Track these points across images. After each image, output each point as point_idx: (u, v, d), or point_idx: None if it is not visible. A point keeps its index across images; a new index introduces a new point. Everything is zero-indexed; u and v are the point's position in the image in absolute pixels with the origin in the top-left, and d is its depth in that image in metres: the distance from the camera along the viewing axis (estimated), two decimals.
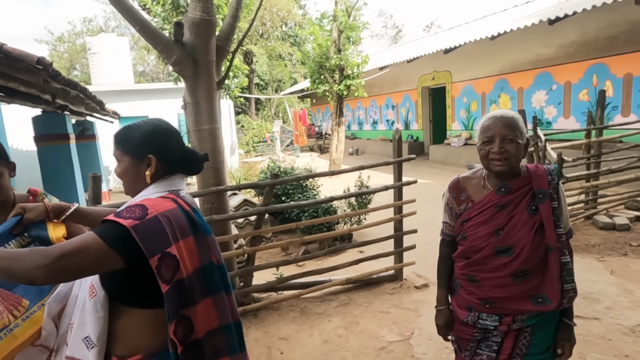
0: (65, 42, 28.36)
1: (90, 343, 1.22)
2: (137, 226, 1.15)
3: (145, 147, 1.28)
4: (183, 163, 1.34)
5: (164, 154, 1.30)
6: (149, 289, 1.20)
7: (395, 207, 3.97)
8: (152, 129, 1.31)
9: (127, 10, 2.58)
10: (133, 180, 1.31)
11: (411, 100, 14.62)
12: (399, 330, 3.32)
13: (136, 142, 1.29)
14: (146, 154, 1.28)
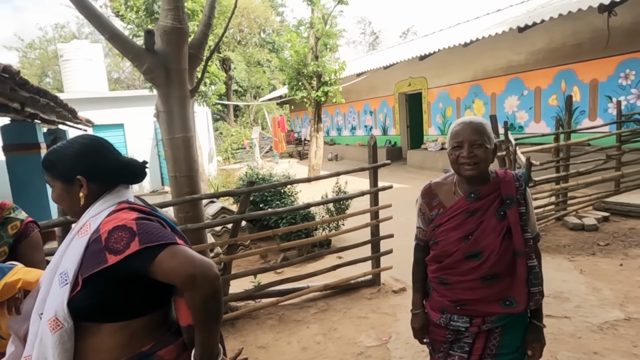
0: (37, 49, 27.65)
1: None
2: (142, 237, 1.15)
3: (73, 169, 1.24)
4: (121, 175, 1.30)
5: (94, 172, 1.26)
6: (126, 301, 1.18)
7: (372, 213, 4.00)
8: (78, 150, 1.26)
9: (96, 17, 2.54)
10: (70, 204, 1.28)
11: (388, 105, 14.81)
12: (377, 335, 3.34)
13: (63, 166, 1.25)
14: (75, 176, 1.24)
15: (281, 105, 25.33)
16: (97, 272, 1.14)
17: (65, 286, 1.15)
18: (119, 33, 2.67)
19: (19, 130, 6.77)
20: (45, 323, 1.15)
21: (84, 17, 2.54)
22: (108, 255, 1.12)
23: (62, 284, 1.16)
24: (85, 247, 1.17)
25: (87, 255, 1.16)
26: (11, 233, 1.53)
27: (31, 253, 1.52)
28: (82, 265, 1.15)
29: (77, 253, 1.17)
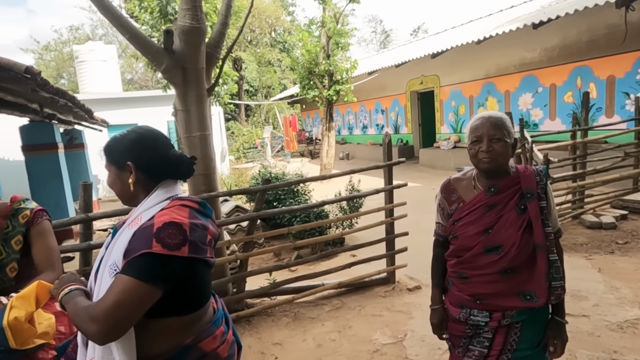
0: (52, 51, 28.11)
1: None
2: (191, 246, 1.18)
3: (126, 155, 1.30)
4: (169, 169, 1.34)
5: (144, 161, 1.30)
6: (166, 300, 1.20)
7: (387, 210, 4.00)
8: (133, 138, 1.32)
9: (116, 18, 2.59)
10: (121, 190, 1.33)
11: (400, 104, 14.75)
12: (392, 333, 3.34)
13: (117, 152, 1.32)
14: (125, 162, 1.29)
15: (292, 105, 25.40)
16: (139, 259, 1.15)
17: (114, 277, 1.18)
18: (139, 33, 2.72)
19: (37, 131, 6.91)
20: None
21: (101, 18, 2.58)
22: (155, 243, 1.14)
23: (111, 275, 1.18)
24: (133, 234, 1.19)
25: (133, 240, 1.18)
26: (22, 222, 1.58)
27: (39, 239, 1.56)
28: (126, 252, 1.18)
29: (125, 242, 1.19)
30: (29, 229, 1.59)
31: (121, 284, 1.11)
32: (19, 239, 1.56)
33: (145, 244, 1.14)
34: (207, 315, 1.36)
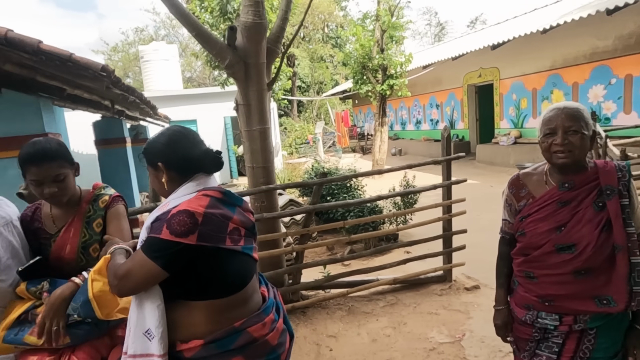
0: (119, 52, 30.01)
1: (150, 335, 1.30)
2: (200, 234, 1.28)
3: (157, 157, 1.41)
4: (197, 165, 1.42)
5: (173, 160, 1.40)
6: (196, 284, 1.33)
7: (444, 207, 3.90)
8: (163, 141, 1.43)
9: (185, 16, 2.71)
10: (159, 188, 1.46)
11: (456, 98, 14.27)
12: (449, 332, 3.26)
13: (151, 154, 1.44)
14: (157, 163, 1.41)
15: (343, 100, 25.35)
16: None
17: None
18: (205, 30, 2.83)
19: (108, 126, 7.42)
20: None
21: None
22: (164, 229, 1.26)
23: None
24: (156, 218, 1.32)
25: (154, 222, 1.32)
26: (101, 206, 1.70)
27: (113, 220, 1.68)
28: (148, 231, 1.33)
29: (149, 223, 1.34)
30: (107, 213, 1.71)
31: (135, 256, 1.31)
32: (99, 222, 1.68)
33: (159, 228, 1.27)
34: (252, 302, 1.43)
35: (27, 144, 1.59)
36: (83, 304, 1.40)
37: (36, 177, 1.53)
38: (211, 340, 1.32)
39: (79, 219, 1.65)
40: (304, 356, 3.11)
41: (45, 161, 1.53)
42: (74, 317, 1.42)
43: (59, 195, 1.58)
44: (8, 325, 1.43)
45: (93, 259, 1.65)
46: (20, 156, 1.54)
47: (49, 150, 1.55)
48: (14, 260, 1.52)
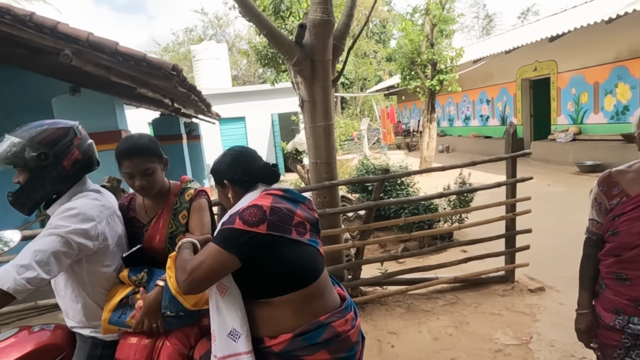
0: (170, 52, 31.17)
1: (236, 334, 1.38)
2: (269, 224, 1.39)
3: (223, 175, 1.60)
4: (257, 179, 1.58)
5: (236, 178, 1.57)
6: (271, 280, 1.41)
7: (508, 205, 3.78)
8: (227, 161, 1.61)
9: (256, 16, 2.79)
10: (227, 203, 1.62)
11: (509, 93, 13.72)
12: (515, 334, 3.18)
13: (218, 174, 1.62)
14: (223, 181, 1.59)
15: (388, 97, 25.05)
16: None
17: None
18: (275, 29, 2.90)
19: (166, 124, 7.78)
20: (216, 290, 1.43)
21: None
22: (237, 220, 1.38)
23: None
24: (228, 215, 1.46)
25: (226, 218, 1.44)
26: (187, 199, 1.77)
27: (195, 213, 1.75)
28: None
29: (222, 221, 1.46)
30: (191, 205, 1.79)
31: (207, 249, 1.39)
32: (184, 214, 1.76)
33: (231, 221, 1.39)
34: (330, 298, 1.51)
35: (123, 138, 1.70)
36: (170, 301, 1.49)
37: (128, 170, 1.63)
38: (299, 333, 1.38)
39: (167, 211, 1.74)
40: (366, 351, 3.06)
41: (136, 155, 1.62)
42: (168, 312, 1.52)
43: (147, 188, 1.67)
44: (112, 308, 1.55)
45: None
46: (116, 150, 1.65)
47: (140, 146, 1.64)
48: (118, 247, 1.64)
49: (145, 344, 1.54)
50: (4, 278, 1.31)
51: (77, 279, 1.56)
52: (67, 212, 1.47)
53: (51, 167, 1.51)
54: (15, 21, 3.22)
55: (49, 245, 1.38)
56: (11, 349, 1.50)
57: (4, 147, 1.47)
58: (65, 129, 1.57)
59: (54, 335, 1.61)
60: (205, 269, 1.34)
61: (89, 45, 3.36)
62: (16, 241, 1.66)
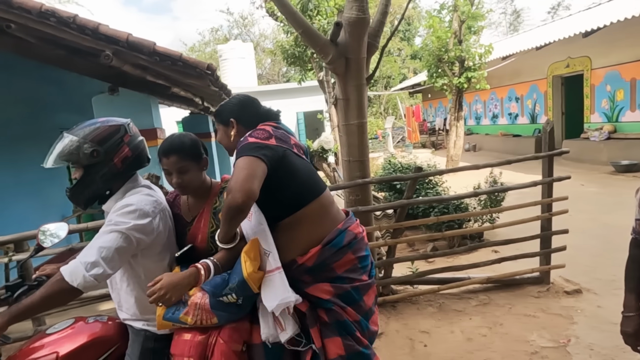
0: (196, 52, 31.70)
1: (265, 253, 1.55)
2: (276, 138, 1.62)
3: (230, 114, 1.77)
4: (263, 119, 1.75)
5: (241, 117, 1.76)
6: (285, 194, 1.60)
7: (543, 205, 3.69)
8: (234, 102, 1.80)
9: (292, 14, 2.82)
10: (227, 142, 1.79)
11: (539, 90, 13.37)
12: (551, 336, 3.11)
13: (224, 113, 1.79)
14: (229, 119, 1.76)
15: (412, 95, 24.80)
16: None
17: None
18: (311, 28, 2.92)
19: (196, 122, 7.92)
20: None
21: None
22: (249, 137, 1.59)
23: None
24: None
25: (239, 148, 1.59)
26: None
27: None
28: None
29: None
30: None
31: (236, 165, 1.51)
32: None
33: (244, 140, 1.58)
34: (338, 210, 1.74)
35: (166, 137, 1.77)
36: (239, 284, 1.53)
37: (166, 167, 1.70)
38: (326, 242, 1.58)
39: (208, 210, 1.78)
40: (398, 350, 3.12)
41: (172, 154, 1.68)
42: (230, 298, 1.54)
43: (183, 186, 1.72)
44: None
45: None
46: (158, 148, 1.73)
47: (177, 145, 1.69)
48: (169, 241, 1.69)
49: (199, 341, 1.57)
50: (74, 275, 1.39)
51: (132, 272, 1.62)
52: (124, 208, 1.52)
53: (103, 164, 1.56)
54: (59, 23, 3.34)
55: (112, 241, 1.45)
56: (67, 340, 1.56)
57: (61, 144, 1.54)
58: (117, 126, 1.62)
59: (107, 327, 1.67)
60: (246, 177, 1.44)
61: (128, 45, 3.46)
62: (63, 234, 1.72)
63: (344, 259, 1.60)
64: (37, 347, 1.54)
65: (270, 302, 1.51)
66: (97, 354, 1.60)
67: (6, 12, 3.22)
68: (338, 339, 1.56)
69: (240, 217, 1.49)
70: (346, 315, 1.59)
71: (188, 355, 1.55)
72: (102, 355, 1.61)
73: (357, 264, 1.63)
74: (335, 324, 1.57)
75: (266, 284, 1.54)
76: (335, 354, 1.56)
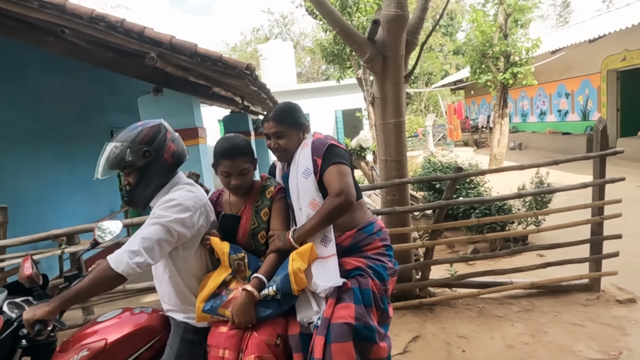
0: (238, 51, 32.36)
1: (327, 240, 1.71)
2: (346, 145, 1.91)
3: (302, 118, 1.92)
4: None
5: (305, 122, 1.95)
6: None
7: (594, 208, 3.48)
8: (299, 109, 1.95)
9: (330, 14, 2.81)
10: (295, 144, 1.86)
11: (592, 86, 12.63)
12: (600, 348, 2.93)
13: (298, 117, 1.90)
14: (302, 124, 1.90)
15: (454, 92, 24.14)
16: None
17: (310, 176, 1.77)
18: (348, 26, 2.90)
19: (236, 121, 8.10)
20: (307, 207, 1.74)
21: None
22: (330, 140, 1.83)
23: (307, 177, 1.77)
24: (311, 149, 1.81)
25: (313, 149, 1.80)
26: (268, 197, 1.85)
27: (276, 213, 1.85)
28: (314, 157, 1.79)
29: (308, 155, 1.79)
30: (272, 203, 1.85)
31: (334, 169, 1.72)
32: (265, 211, 1.83)
33: (334, 145, 1.80)
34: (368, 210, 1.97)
35: (221, 138, 1.82)
36: (283, 278, 1.60)
37: (227, 169, 1.74)
38: (359, 228, 1.81)
39: (249, 207, 1.82)
40: (435, 354, 3.05)
41: (236, 156, 1.74)
42: (270, 290, 1.60)
43: (241, 187, 1.79)
44: (205, 298, 1.65)
45: (260, 244, 1.81)
46: (216, 149, 1.77)
47: (240, 147, 1.76)
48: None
49: (234, 333, 1.63)
50: (118, 262, 1.48)
51: (174, 265, 1.69)
52: (167, 203, 1.60)
53: (156, 162, 1.66)
54: (108, 27, 3.51)
55: (153, 233, 1.53)
56: (115, 328, 1.65)
57: (109, 154, 1.62)
58: (157, 126, 1.70)
59: (151, 318, 1.75)
60: (347, 180, 1.72)
61: (171, 47, 3.58)
62: (118, 231, 1.82)
63: (373, 244, 1.82)
64: (89, 333, 1.64)
65: (323, 283, 1.62)
66: (142, 342, 1.68)
67: (60, 18, 3.41)
68: (352, 306, 1.62)
69: (340, 217, 1.72)
70: (372, 286, 1.71)
71: (224, 346, 1.61)
72: (146, 344, 1.69)
73: (384, 250, 1.85)
74: (356, 290, 1.67)
75: (321, 267, 1.67)
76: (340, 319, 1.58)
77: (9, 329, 1.46)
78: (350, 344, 1.55)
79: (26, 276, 1.57)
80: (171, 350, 1.68)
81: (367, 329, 1.62)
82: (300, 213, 1.77)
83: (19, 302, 1.57)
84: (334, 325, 1.57)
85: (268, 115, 1.87)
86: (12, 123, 4.36)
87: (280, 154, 1.89)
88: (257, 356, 1.55)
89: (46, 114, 5.03)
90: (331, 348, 1.54)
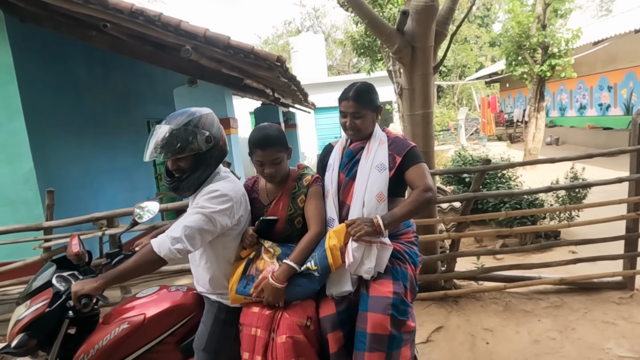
0: (270, 44, 32.59)
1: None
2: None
3: (377, 101, 1.97)
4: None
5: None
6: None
7: (630, 204, 3.37)
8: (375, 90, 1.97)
9: (359, 5, 2.84)
10: (369, 126, 1.92)
11: (637, 79, 12.01)
12: (631, 346, 2.87)
13: (375, 98, 1.94)
14: (379, 105, 1.97)
15: (489, 85, 23.47)
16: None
17: (384, 171, 1.83)
18: (377, 17, 2.92)
19: (267, 112, 8.24)
20: (374, 197, 1.79)
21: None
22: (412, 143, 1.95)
23: (381, 171, 1.83)
24: (390, 144, 1.90)
25: (393, 146, 1.89)
26: (305, 184, 1.91)
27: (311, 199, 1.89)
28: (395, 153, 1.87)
29: (384, 151, 1.87)
30: (308, 190, 1.92)
31: (421, 167, 1.84)
32: (302, 198, 1.89)
33: (408, 144, 1.90)
34: None
35: (255, 128, 1.88)
36: (321, 253, 1.69)
37: (260, 159, 1.80)
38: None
39: (286, 194, 1.89)
40: (458, 345, 3.06)
41: (268, 146, 1.78)
42: (311, 265, 1.68)
43: (274, 175, 1.84)
44: (237, 279, 1.74)
45: (297, 229, 1.89)
46: (250, 139, 1.82)
47: (272, 137, 1.80)
48: (245, 224, 1.85)
49: (266, 314, 1.70)
50: (161, 246, 1.58)
51: (212, 252, 1.78)
52: (211, 193, 1.67)
53: (214, 148, 1.72)
54: (146, 21, 3.67)
55: (196, 222, 1.61)
56: (153, 304, 1.77)
57: (168, 137, 1.62)
58: (212, 114, 1.78)
59: (186, 297, 1.86)
60: (430, 177, 1.83)
61: (205, 40, 3.70)
62: (156, 210, 1.94)
63: (407, 234, 1.93)
64: (129, 307, 1.77)
65: (368, 266, 1.68)
66: (177, 319, 1.79)
67: (103, 13, 3.59)
68: (389, 282, 1.71)
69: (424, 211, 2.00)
70: (407, 268, 1.81)
71: (256, 325, 1.69)
72: (181, 321, 1.80)
73: (414, 240, 1.96)
74: (392, 270, 1.75)
75: (375, 252, 1.70)
76: (380, 293, 1.68)
77: (59, 301, 1.58)
78: (387, 317, 1.64)
79: (74, 253, 1.71)
80: (205, 328, 1.77)
81: (403, 303, 1.70)
82: (357, 201, 1.82)
83: (66, 276, 1.70)
84: (372, 297, 1.67)
85: (347, 94, 1.87)
86: (58, 114, 4.62)
87: (354, 133, 1.92)
88: (289, 336, 1.62)
89: (88, 105, 5.29)
90: (367, 316, 1.65)
